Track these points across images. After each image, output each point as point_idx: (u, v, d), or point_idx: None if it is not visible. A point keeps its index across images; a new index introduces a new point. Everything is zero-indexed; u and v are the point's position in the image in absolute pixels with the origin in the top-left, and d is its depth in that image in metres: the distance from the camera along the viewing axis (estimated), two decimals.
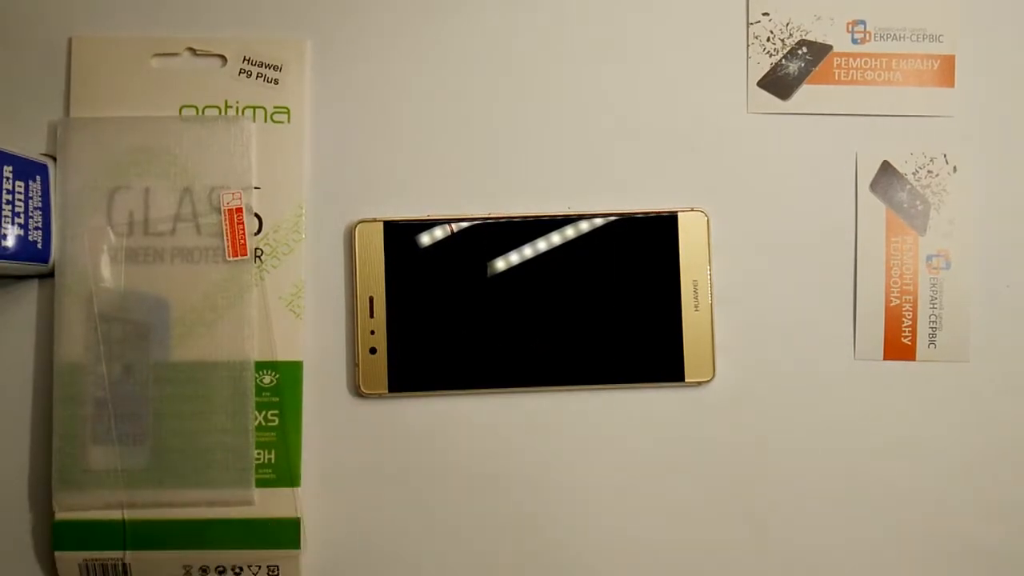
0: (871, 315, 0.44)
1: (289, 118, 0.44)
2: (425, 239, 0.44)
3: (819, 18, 0.45)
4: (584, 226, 0.44)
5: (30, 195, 0.41)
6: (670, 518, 0.44)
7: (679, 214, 0.44)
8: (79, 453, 0.42)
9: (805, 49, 0.45)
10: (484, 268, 0.44)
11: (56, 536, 0.43)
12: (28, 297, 0.44)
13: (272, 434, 0.43)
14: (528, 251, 0.44)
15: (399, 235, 0.44)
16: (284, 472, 0.44)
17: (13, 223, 0.40)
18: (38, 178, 0.42)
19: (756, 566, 0.44)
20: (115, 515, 0.43)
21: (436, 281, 0.44)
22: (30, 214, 0.41)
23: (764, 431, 0.44)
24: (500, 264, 0.44)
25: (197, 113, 0.43)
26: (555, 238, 0.44)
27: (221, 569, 0.43)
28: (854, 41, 0.45)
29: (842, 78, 0.45)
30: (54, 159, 0.43)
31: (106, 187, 0.43)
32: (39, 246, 0.41)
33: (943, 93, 0.45)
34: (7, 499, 0.43)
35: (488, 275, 0.44)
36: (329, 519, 0.44)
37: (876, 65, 0.45)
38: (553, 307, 0.44)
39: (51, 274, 0.43)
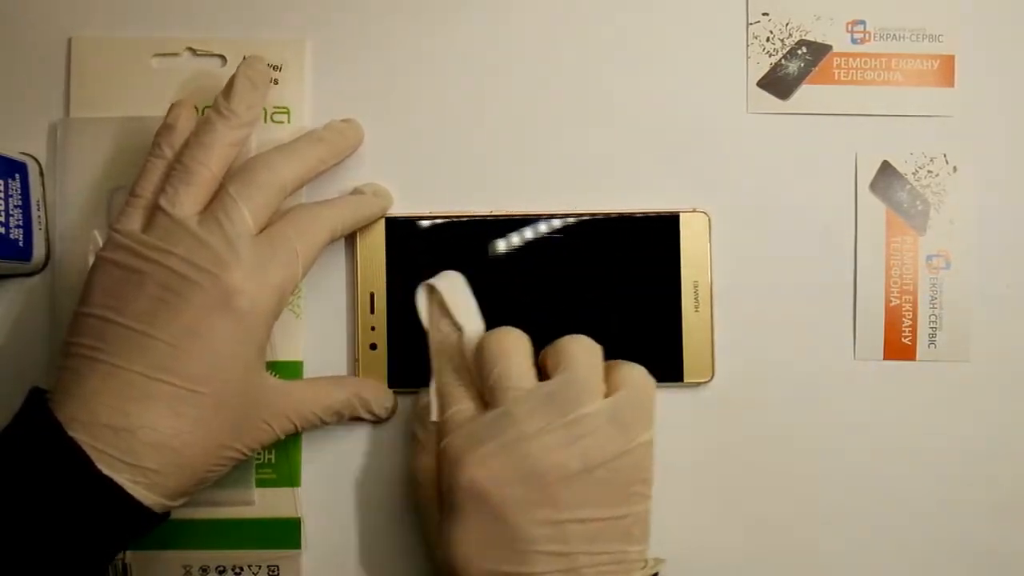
0: (871, 315, 0.44)
1: (289, 118, 0.44)
2: (426, 236, 0.44)
3: (819, 18, 0.45)
4: (585, 225, 0.44)
5: (10, 193, 0.41)
6: (669, 519, 0.44)
7: (681, 215, 0.44)
8: None
9: (805, 49, 0.45)
10: (485, 266, 0.44)
11: None
12: (20, 298, 0.44)
13: None
14: (529, 250, 0.44)
15: (401, 231, 0.44)
16: (284, 472, 0.44)
17: None
18: (17, 176, 0.42)
19: (756, 567, 0.44)
20: None
21: None
22: (10, 212, 0.41)
23: (763, 431, 0.44)
24: (500, 262, 0.44)
25: (197, 113, 0.43)
26: (556, 237, 0.44)
27: (221, 569, 0.43)
28: (854, 41, 0.45)
29: (842, 78, 0.45)
30: (34, 159, 0.43)
31: (106, 187, 0.43)
32: (20, 244, 0.41)
33: (943, 93, 0.45)
34: None
35: (488, 273, 0.44)
36: (329, 519, 0.44)
37: (876, 65, 0.45)
38: (553, 306, 0.44)
39: (34, 273, 0.43)
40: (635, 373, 0.39)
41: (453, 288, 0.42)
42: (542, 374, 0.39)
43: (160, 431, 0.35)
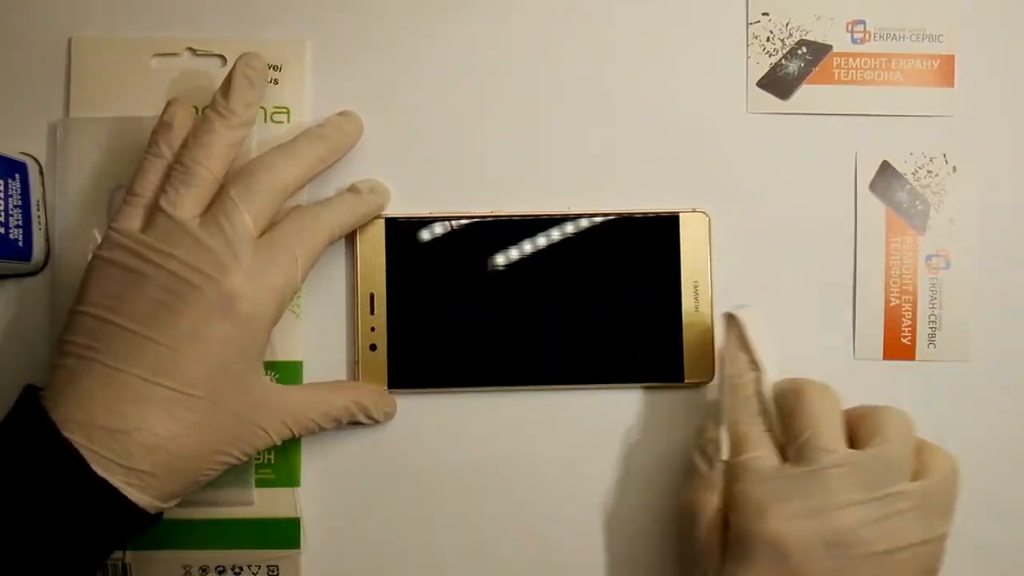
0: (871, 315, 0.44)
1: (289, 118, 0.44)
2: (426, 236, 0.44)
3: (819, 18, 0.45)
4: (585, 226, 0.44)
5: (9, 193, 0.41)
6: (669, 519, 0.44)
7: (681, 215, 0.44)
8: None
9: (805, 49, 0.45)
10: (485, 266, 0.44)
11: None
12: (19, 298, 0.44)
13: None
14: (529, 250, 0.44)
15: (401, 232, 0.44)
16: (284, 472, 0.44)
17: None
18: (17, 176, 0.42)
19: None
20: None
21: (437, 278, 0.44)
22: (10, 212, 0.41)
23: None
24: (501, 263, 0.44)
25: (197, 113, 0.43)
26: (556, 237, 0.44)
27: (221, 569, 0.43)
28: (854, 41, 0.45)
29: (842, 78, 0.45)
30: (35, 159, 0.43)
31: (106, 187, 0.43)
32: (20, 244, 0.41)
33: (943, 93, 0.45)
34: None
35: (489, 273, 0.44)
36: (329, 519, 0.44)
37: (876, 65, 0.45)
38: (554, 306, 0.44)
39: (34, 273, 0.43)
40: (948, 461, 0.38)
41: (755, 323, 0.40)
42: (850, 435, 0.38)
43: (156, 434, 0.35)
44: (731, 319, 0.40)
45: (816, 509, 0.36)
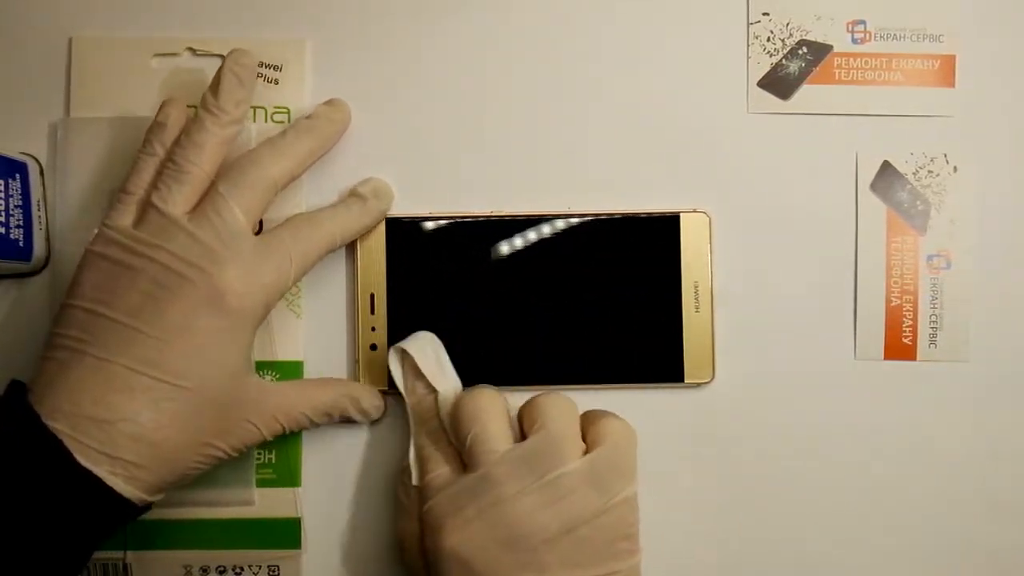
0: (871, 315, 0.44)
1: (289, 118, 0.44)
2: (427, 236, 0.44)
3: (819, 18, 0.45)
4: (586, 226, 0.44)
5: (10, 193, 0.41)
6: (669, 519, 0.44)
7: (681, 215, 0.44)
8: None
9: (805, 49, 0.45)
10: (485, 266, 0.44)
11: None
12: (20, 298, 0.44)
13: None
14: (529, 250, 0.44)
15: (401, 232, 0.44)
16: (284, 472, 0.44)
17: None
18: (17, 176, 0.42)
19: (757, 567, 0.44)
20: None
21: (437, 278, 0.44)
22: (11, 212, 0.41)
23: (764, 432, 0.44)
24: (501, 263, 0.44)
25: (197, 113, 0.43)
26: (556, 237, 0.44)
27: (221, 569, 0.43)
28: (854, 41, 0.45)
29: (842, 78, 0.45)
30: (35, 159, 0.43)
31: (106, 187, 0.43)
32: (20, 244, 0.42)
33: (943, 93, 0.45)
34: None
35: (489, 273, 0.44)
36: (329, 519, 0.44)
37: (876, 65, 0.45)
38: (554, 306, 0.44)
39: (34, 273, 0.43)
40: (614, 426, 0.39)
41: (424, 349, 0.41)
42: (521, 432, 0.39)
43: (141, 424, 0.35)
44: (403, 353, 0.41)
45: (486, 509, 0.36)
